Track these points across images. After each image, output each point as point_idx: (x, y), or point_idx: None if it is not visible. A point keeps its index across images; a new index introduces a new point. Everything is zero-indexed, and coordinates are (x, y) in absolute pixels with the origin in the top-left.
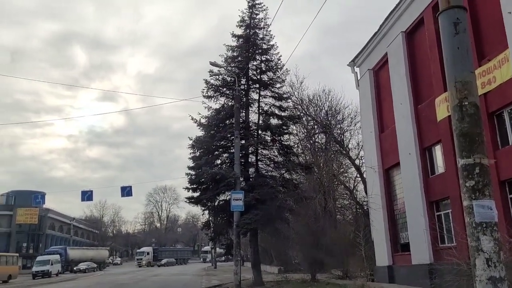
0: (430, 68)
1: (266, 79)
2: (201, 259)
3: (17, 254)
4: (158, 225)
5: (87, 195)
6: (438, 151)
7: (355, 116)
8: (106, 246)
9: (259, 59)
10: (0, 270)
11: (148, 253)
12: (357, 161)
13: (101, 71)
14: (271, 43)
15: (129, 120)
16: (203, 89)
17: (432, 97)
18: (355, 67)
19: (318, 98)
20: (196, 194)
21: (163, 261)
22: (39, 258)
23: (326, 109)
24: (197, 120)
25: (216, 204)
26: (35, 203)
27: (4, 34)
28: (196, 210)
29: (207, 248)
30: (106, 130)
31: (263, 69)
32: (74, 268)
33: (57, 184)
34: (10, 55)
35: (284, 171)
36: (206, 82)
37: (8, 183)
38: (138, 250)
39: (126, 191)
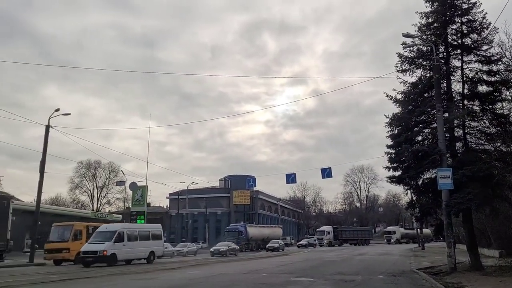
0: None
1: (469, 42)
2: (385, 240)
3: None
4: (358, 204)
5: (291, 178)
6: None
7: None
8: (310, 225)
9: (459, 21)
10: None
11: (328, 232)
12: None
13: (290, 55)
14: (473, 0)
15: (320, 100)
16: (397, 64)
17: None
18: None
19: None
20: (397, 173)
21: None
22: (100, 228)
23: None
24: (392, 97)
25: (420, 183)
26: (248, 186)
27: (204, 33)
28: (397, 189)
29: (390, 228)
30: (298, 113)
31: (465, 31)
32: (211, 250)
33: (261, 167)
34: (211, 51)
35: (499, 144)
36: (400, 55)
37: (222, 169)
38: (318, 229)
39: (326, 173)
